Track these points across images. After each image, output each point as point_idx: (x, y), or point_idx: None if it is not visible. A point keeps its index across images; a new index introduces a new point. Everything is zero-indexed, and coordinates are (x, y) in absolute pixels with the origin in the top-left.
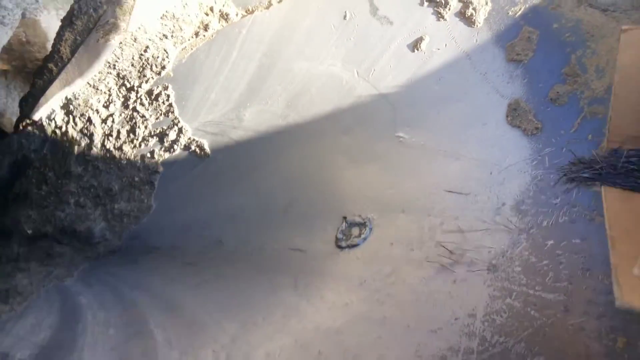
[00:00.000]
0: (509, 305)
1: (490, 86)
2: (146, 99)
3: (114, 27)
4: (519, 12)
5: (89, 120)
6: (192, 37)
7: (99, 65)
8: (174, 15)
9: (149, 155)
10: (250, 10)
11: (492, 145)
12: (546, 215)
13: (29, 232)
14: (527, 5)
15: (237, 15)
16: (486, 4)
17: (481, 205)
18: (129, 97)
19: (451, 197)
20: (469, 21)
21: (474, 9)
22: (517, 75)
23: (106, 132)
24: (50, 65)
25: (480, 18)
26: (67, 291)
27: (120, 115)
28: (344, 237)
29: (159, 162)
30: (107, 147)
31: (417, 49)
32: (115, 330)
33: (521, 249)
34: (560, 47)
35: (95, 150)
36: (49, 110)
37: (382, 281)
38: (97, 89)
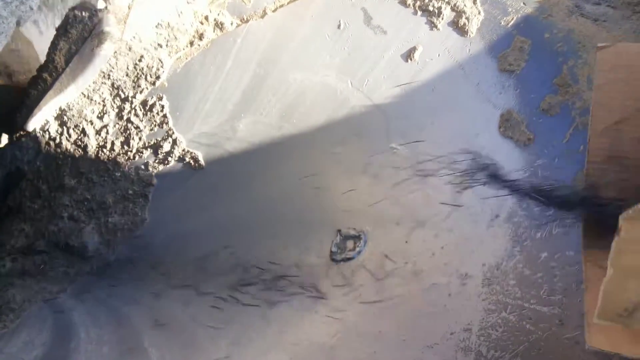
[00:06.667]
0: (505, 319)
1: (483, 96)
2: (140, 110)
3: (108, 36)
4: (512, 22)
5: (83, 131)
6: (186, 46)
7: (94, 75)
8: (169, 24)
9: (143, 167)
10: (245, 19)
11: (486, 157)
12: (540, 227)
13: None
14: (519, 15)
15: (232, 24)
16: (479, 13)
17: (475, 217)
18: (124, 108)
19: (445, 209)
20: (461, 31)
21: (467, 18)
22: (509, 86)
23: (100, 144)
24: (45, 75)
25: (473, 28)
26: (60, 307)
27: (115, 126)
28: (338, 251)
29: (153, 174)
30: (101, 158)
31: (411, 59)
32: (109, 348)
33: (515, 261)
34: (552, 57)
35: (89, 162)
36: (43, 121)
37: (376, 295)
38: (92, 99)
